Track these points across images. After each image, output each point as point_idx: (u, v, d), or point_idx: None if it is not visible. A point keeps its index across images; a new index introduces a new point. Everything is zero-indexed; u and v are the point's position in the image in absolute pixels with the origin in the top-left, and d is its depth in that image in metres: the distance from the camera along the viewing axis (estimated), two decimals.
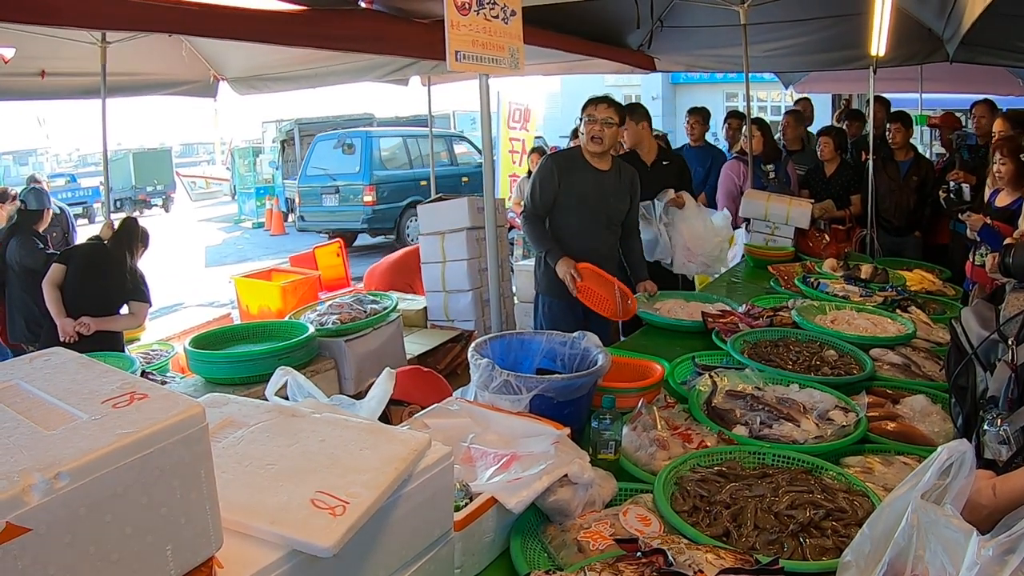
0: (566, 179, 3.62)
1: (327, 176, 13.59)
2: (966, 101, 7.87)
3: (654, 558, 1.35)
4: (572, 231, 3.64)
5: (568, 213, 3.64)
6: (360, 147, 13.53)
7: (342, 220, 13.47)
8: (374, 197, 13.14)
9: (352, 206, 13.32)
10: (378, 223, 13.30)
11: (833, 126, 6.69)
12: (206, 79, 6.21)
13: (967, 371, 1.73)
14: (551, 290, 3.72)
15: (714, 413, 2.20)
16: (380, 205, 13.25)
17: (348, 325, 3.56)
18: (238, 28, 4.00)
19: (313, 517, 1.09)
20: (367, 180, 13.23)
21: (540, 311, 3.86)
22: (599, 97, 3.69)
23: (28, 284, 4.81)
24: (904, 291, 3.72)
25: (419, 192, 13.16)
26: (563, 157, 3.81)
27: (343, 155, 13.64)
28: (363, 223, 13.27)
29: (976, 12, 4.08)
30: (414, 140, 14.44)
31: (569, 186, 3.61)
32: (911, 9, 5.45)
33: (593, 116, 3.57)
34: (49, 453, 0.86)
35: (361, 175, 13.31)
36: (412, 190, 13.47)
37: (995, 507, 1.34)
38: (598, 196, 3.65)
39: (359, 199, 13.21)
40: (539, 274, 3.81)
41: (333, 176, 13.55)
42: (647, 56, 7.22)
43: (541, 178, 3.67)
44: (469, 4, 2.86)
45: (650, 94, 23.92)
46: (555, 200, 3.64)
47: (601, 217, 3.68)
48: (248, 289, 6.36)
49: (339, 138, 14.01)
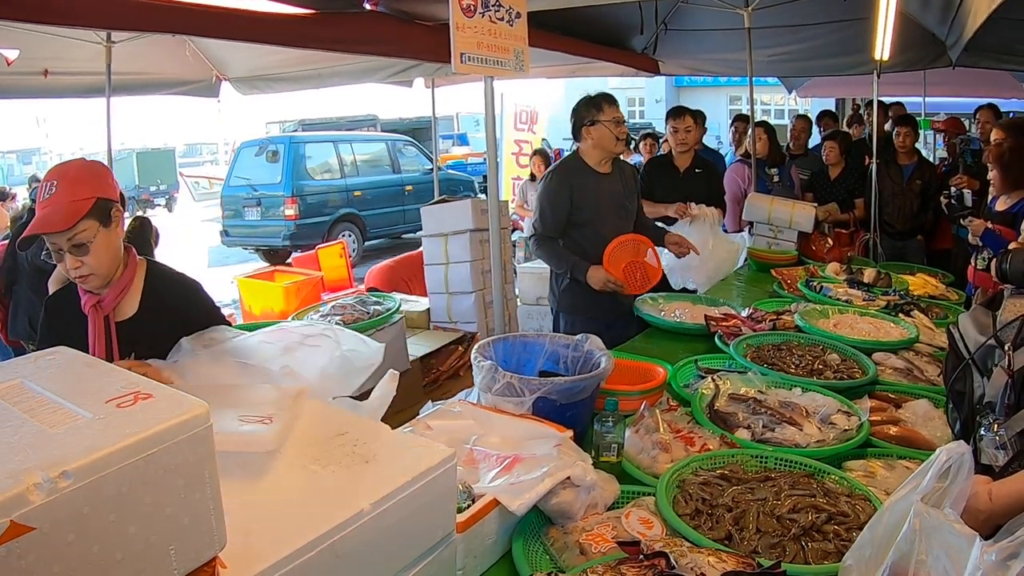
0: (577, 195, 3.45)
1: (249, 187, 12.07)
2: (970, 105, 7.88)
3: (656, 561, 1.36)
4: (593, 241, 3.46)
5: (586, 226, 3.48)
6: (283, 155, 11.98)
7: (263, 235, 11.97)
8: (297, 211, 11.62)
9: (273, 220, 11.79)
10: (302, 239, 11.41)
11: (839, 131, 6.69)
12: (208, 79, 6.22)
13: (964, 376, 1.73)
14: (573, 308, 3.57)
15: (716, 416, 2.20)
16: (305, 219, 11.69)
17: (351, 326, 3.55)
18: (244, 30, 4.01)
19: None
20: (288, 191, 11.68)
21: (562, 329, 3.62)
22: (612, 97, 3.54)
23: (36, 283, 4.81)
24: (907, 295, 3.72)
25: (352, 204, 12.30)
26: (568, 170, 3.53)
27: (266, 163, 12.14)
28: (284, 239, 11.64)
29: (980, 18, 4.09)
30: (347, 145, 13.06)
31: (582, 200, 3.45)
32: (915, 14, 5.45)
33: (618, 118, 3.44)
34: (53, 452, 0.86)
35: (283, 186, 11.77)
36: (343, 202, 12.27)
37: (991, 512, 1.35)
38: (610, 201, 3.53)
39: (280, 213, 11.69)
40: (558, 292, 3.63)
41: (255, 187, 12.04)
42: (651, 59, 7.22)
43: (551, 200, 3.45)
44: (474, 6, 2.86)
45: (654, 97, 23.98)
46: (569, 219, 3.47)
47: (617, 220, 3.54)
48: (251, 290, 6.36)
49: (262, 144, 12.58)
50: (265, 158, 12.19)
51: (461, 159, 20.31)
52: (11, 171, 27.73)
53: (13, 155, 30.75)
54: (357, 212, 12.38)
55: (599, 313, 3.49)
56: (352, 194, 12.35)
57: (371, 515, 1.19)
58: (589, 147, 3.50)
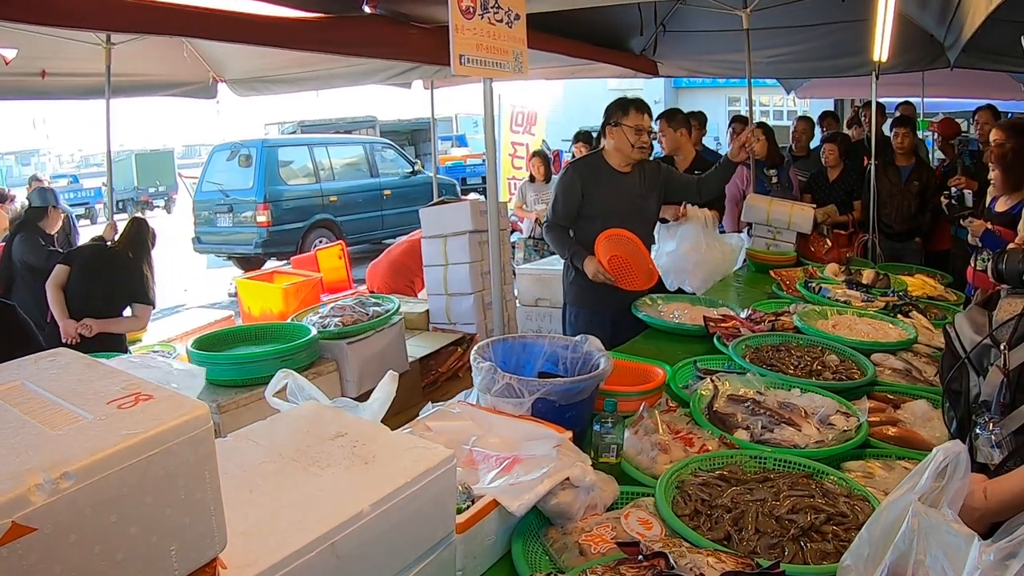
0: (590, 189, 3.53)
1: (221, 192, 11.64)
2: (968, 106, 7.89)
3: (655, 561, 1.36)
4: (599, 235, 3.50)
5: (596, 222, 3.53)
6: (256, 159, 11.43)
7: (235, 243, 11.49)
8: (269, 217, 11.12)
9: (245, 227, 11.31)
10: (275, 247, 11.19)
11: (838, 132, 6.71)
12: (206, 81, 6.23)
13: (960, 376, 1.74)
14: (578, 300, 3.71)
15: (715, 417, 2.20)
16: (277, 226, 11.22)
17: (350, 327, 3.55)
18: (244, 32, 4.03)
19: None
20: (261, 197, 11.17)
21: (567, 321, 3.83)
22: (643, 104, 3.55)
23: (32, 283, 4.82)
24: (906, 296, 3.72)
25: (327, 210, 11.88)
26: (585, 165, 3.68)
27: (238, 168, 11.63)
28: (256, 247, 11.19)
29: (978, 19, 4.09)
30: (323, 149, 12.62)
31: (593, 196, 3.52)
32: (913, 15, 5.46)
33: (641, 127, 3.47)
34: (55, 453, 0.86)
35: (255, 191, 11.26)
36: (318, 208, 11.85)
37: (986, 510, 1.35)
38: (625, 201, 3.56)
39: (252, 219, 11.21)
40: (566, 284, 3.78)
41: (227, 192, 11.58)
42: (650, 61, 7.23)
43: (564, 189, 3.60)
44: (473, 8, 2.86)
45: (652, 98, 23.96)
46: (579, 211, 3.57)
47: (629, 218, 3.56)
48: (250, 291, 6.37)
49: (234, 148, 11.97)
50: (237, 162, 11.68)
51: (460, 160, 20.32)
52: (10, 172, 27.73)
53: (12, 156, 30.75)
54: (333, 218, 12.03)
55: (601, 308, 3.60)
56: (328, 199, 11.98)
57: (371, 516, 1.20)
58: (611, 147, 3.60)
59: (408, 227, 12.92)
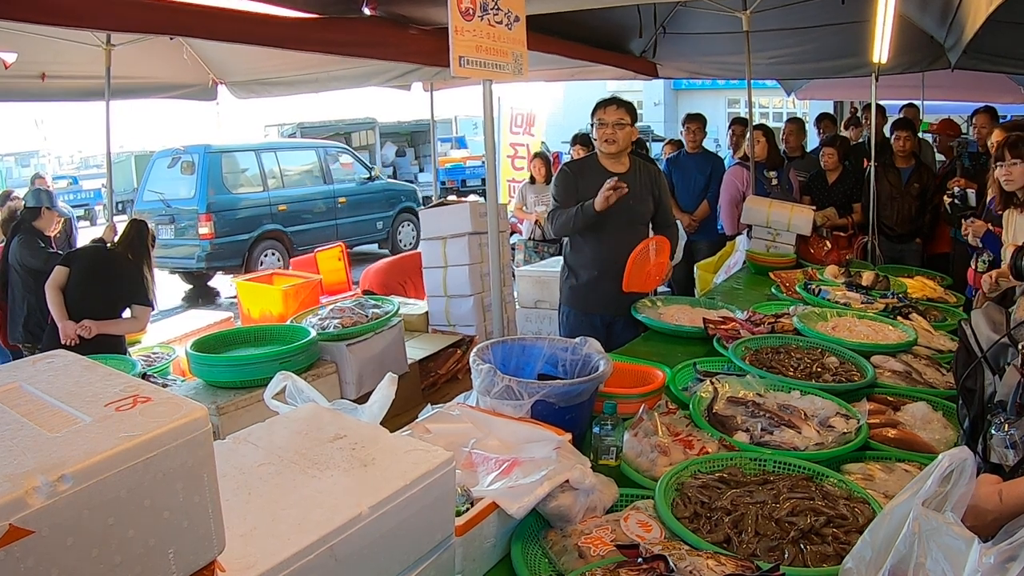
0: (582, 185, 3.59)
1: (162, 202, 10.79)
2: (968, 108, 7.88)
3: (655, 564, 1.36)
4: (594, 238, 3.60)
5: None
6: (198, 166, 10.64)
7: (177, 256, 10.63)
8: (212, 228, 10.34)
9: (187, 240, 10.50)
10: (219, 260, 10.51)
11: (838, 135, 6.71)
12: (205, 83, 6.23)
13: (976, 374, 1.72)
14: (571, 300, 3.77)
15: (715, 419, 2.20)
16: (222, 238, 10.44)
17: (350, 329, 3.55)
18: (244, 33, 4.03)
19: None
20: (203, 207, 10.39)
21: (560, 321, 3.90)
22: (607, 99, 3.66)
23: (30, 284, 4.82)
24: (905, 298, 3.72)
25: (276, 220, 11.11)
26: (577, 165, 3.81)
27: (180, 176, 10.78)
28: (200, 261, 10.43)
29: (979, 21, 4.09)
30: (272, 155, 11.75)
31: (586, 192, 3.55)
32: (913, 17, 5.47)
33: (604, 120, 3.55)
34: (52, 455, 0.86)
35: (196, 200, 10.48)
36: (265, 218, 11.04)
37: (1001, 513, 1.34)
38: (616, 201, 3.53)
39: (194, 231, 10.44)
40: (562, 283, 3.85)
41: (168, 202, 10.74)
42: (650, 63, 7.24)
43: (562, 184, 3.68)
44: (473, 9, 2.86)
45: (652, 100, 24.01)
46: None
47: (622, 221, 3.58)
48: (250, 292, 6.36)
49: (175, 155, 11.05)
50: (179, 170, 10.82)
51: (460, 162, 20.33)
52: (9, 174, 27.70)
53: (11, 158, 30.74)
54: (282, 228, 11.27)
55: (595, 308, 3.67)
56: (276, 208, 11.17)
57: (369, 519, 1.19)
58: (597, 146, 3.71)
59: (364, 237, 12.61)
